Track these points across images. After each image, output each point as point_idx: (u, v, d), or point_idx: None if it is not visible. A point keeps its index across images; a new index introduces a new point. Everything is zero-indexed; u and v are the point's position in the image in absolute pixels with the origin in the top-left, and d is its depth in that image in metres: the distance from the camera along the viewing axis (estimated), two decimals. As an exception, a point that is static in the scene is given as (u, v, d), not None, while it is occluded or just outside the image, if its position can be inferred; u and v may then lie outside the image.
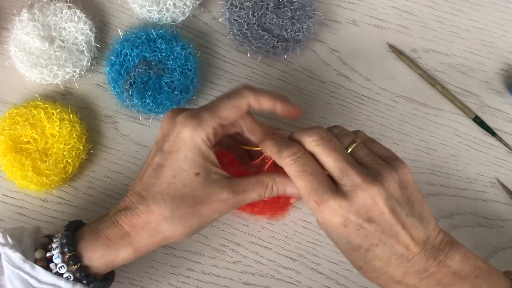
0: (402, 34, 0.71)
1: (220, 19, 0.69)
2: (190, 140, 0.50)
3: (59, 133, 0.62)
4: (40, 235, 0.55)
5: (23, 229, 0.55)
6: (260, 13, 0.66)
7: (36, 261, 0.51)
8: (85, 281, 0.51)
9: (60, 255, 0.51)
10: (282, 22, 0.66)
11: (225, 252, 0.64)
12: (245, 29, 0.66)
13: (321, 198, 0.47)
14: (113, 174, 0.65)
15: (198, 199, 0.50)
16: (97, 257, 0.51)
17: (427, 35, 0.71)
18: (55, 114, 0.62)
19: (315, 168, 0.49)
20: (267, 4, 0.66)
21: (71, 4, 0.65)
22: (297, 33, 0.66)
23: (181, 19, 0.67)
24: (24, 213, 0.63)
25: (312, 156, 0.49)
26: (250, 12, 0.66)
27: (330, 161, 0.48)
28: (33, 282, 0.50)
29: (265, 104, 0.52)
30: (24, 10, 0.65)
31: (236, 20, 0.66)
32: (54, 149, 0.62)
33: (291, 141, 0.50)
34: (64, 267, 0.51)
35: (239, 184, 0.52)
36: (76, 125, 0.63)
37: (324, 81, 0.69)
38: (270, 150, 0.51)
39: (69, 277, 0.51)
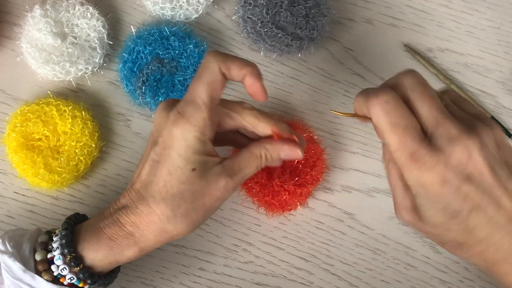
0: (417, 33, 0.70)
1: (233, 17, 0.68)
2: (182, 139, 0.48)
3: (71, 131, 0.61)
4: (40, 240, 0.53)
5: (23, 232, 0.54)
6: (274, 11, 0.66)
7: (36, 263, 0.50)
8: (89, 281, 0.50)
9: (61, 257, 0.50)
10: (297, 20, 0.66)
11: (237, 252, 0.63)
12: (259, 27, 0.65)
13: (417, 154, 0.43)
14: (125, 172, 0.64)
15: (197, 193, 0.49)
16: (100, 257, 0.50)
17: (443, 35, 0.70)
18: (67, 111, 0.62)
19: (410, 120, 0.44)
20: (281, 2, 0.66)
21: (83, 1, 0.65)
22: (311, 32, 0.66)
23: (194, 16, 0.67)
24: (35, 211, 0.62)
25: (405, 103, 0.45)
26: (264, 10, 0.65)
27: (426, 109, 0.44)
28: None
29: (234, 71, 0.49)
30: (36, 6, 0.64)
31: (250, 18, 0.66)
32: (66, 147, 0.61)
33: (379, 88, 0.46)
34: (66, 269, 0.50)
35: (233, 164, 0.50)
36: (88, 122, 0.62)
37: (338, 80, 0.68)
38: (356, 101, 0.46)
39: (72, 278, 0.50)
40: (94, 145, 0.62)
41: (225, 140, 0.54)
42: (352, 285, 0.64)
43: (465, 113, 0.46)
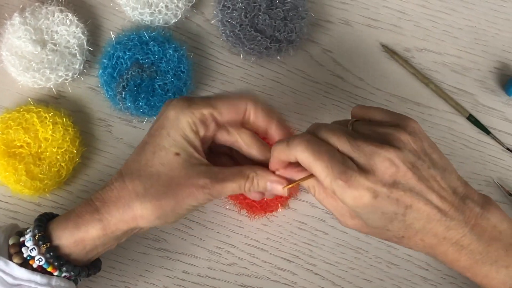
0: (395, 33, 0.70)
1: (212, 21, 0.69)
2: (175, 119, 0.50)
3: (52, 137, 0.61)
4: (17, 230, 0.54)
5: None
6: (252, 14, 0.66)
7: (9, 247, 0.50)
8: (56, 263, 0.50)
9: (31, 238, 0.50)
10: (275, 23, 0.66)
11: (220, 254, 0.64)
12: (238, 31, 0.66)
13: (347, 175, 0.45)
14: (107, 177, 0.64)
15: (173, 180, 0.49)
16: (66, 235, 0.50)
17: (420, 34, 0.71)
18: (48, 118, 0.62)
19: (331, 148, 0.47)
20: (260, 5, 0.66)
21: (63, 8, 0.65)
22: (290, 34, 0.66)
23: (173, 21, 0.67)
24: (18, 218, 0.63)
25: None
26: (243, 13, 0.66)
27: (336, 141, 0.47)
28: (7, 279, 0.49)
29: (260, 118, 0.51)
30: (15, 14, 0.64)
31: (229, 21, 0.66)
32: (48, 153, 0.61)
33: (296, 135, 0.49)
34: (35, 249, 0.50)
35: (219, 172, 0.50)
36: (69, 128, 0.62)
37: (318, 82, 0.69)
38: (278, 150, 0.49)
39: (40, 259, 0.50)
40: (75, 151, 0.62)
41: (218, 160, 0.55)
42: (335, 284, 0.64)
43: (374, 126, 0.49)
